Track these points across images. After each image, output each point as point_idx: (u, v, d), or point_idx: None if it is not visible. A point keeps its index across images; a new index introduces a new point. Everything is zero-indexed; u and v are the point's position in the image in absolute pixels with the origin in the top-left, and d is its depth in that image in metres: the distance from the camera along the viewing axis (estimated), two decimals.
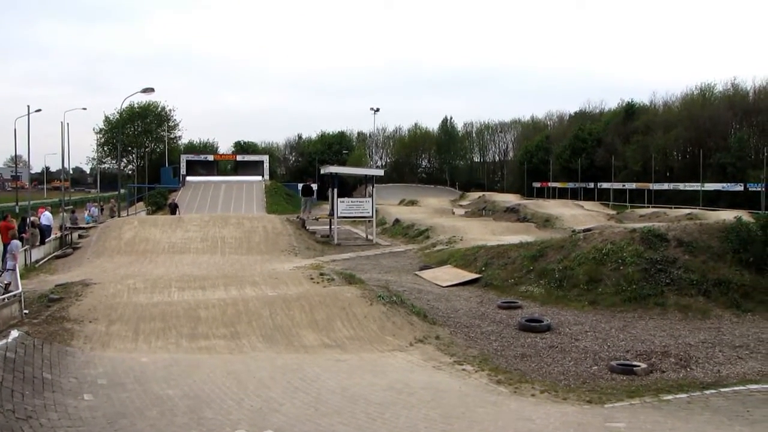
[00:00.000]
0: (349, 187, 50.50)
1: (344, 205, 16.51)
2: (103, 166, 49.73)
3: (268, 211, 31.33)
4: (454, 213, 27.21)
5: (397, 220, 20.24)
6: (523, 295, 9.12)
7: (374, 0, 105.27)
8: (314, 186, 19.82)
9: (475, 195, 46.08)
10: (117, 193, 28.09)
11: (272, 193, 37.95)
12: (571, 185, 47.50)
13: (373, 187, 17.89)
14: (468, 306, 8.59)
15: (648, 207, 31.14)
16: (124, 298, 7.64)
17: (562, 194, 46.48)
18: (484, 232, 16.51)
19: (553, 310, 8.17)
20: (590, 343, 6.60)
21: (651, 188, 37.68)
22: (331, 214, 16.77)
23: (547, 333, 7.06)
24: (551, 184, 50.85)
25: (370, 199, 17.00)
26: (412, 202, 35.82)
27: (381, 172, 19.33)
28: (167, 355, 5.70)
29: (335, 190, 16.67)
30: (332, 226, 16.61)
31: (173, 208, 21.62)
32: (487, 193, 43.14)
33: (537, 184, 52.36)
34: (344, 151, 64.31)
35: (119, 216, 19.92)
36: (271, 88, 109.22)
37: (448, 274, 10.67)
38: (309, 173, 59.11)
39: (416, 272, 11.11)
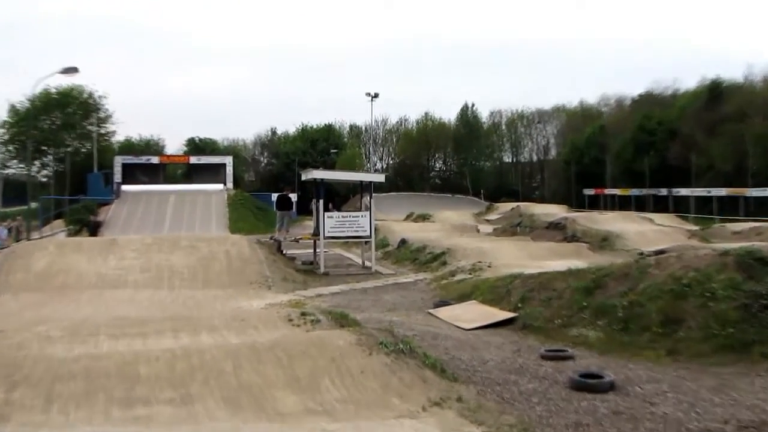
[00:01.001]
0: (339, 197, 51.14)
1: (333, 222, 16.69)
2: (6, 171, 48.44)
3: (231, 230, 31.77)
4: (479, 231, 27.53)
5: (403, 241, 20.72)
6: (575, 340, 8.96)
7: None
8: (293, 197, 20.31)
9: (506, 206, 46.60)
10: (25, 207, 27.16)
11: (237, 206, 38.36)
12: (635, 192, 46.61)
13: (371, 197, 18.05)
14: (500, 356, 8.42)
15: (744, 221, 29.77)
16: (33, 350, 7.28)
17: (623, 204, 45.77)
18: (520, 256, 16.64)
19: (616, 362, 7.84)
20: (671, 409, 5.97)
21: (748, 195, 35.62)
22: (316, 234, 17.06)
23: (610, 394, 6.56)
24: (608, 191, 50.47)
25: (367, 214, 17.16)
26: (424, 217, 36.34)
27: (381, 178, 19.53)
28: (90, 431, 5.45)
29: (321, 201, 16.94)
30: (317, 250, 17.16)
31: (93, 228, 21.60)
32: (522, 204, 43.59)
33: (589, 191, 52.07)
34: (332, 150, 65.19)
35: (28, 239, 19.73)
36: (236, 68, 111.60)
37: (473, 313, 10.66)
38: (286, 180, 60.60)
39: (430, 310, 11.17)
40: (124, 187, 40.55)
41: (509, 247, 18.15)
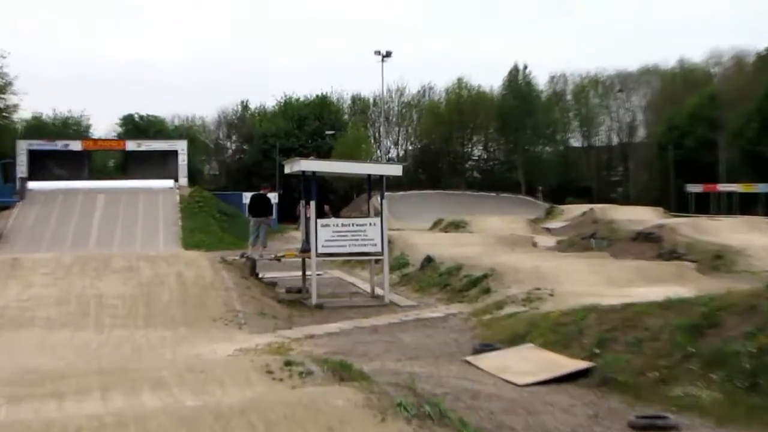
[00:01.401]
0: (338, 197, 51.51)
1: (330, 233, 16.90)
2: None
3: (186, 244, 32.23)
4: (536, 244, 27.71)
5: (429, 260, 20.91)
6: (679, 402, 8.90)
7: None
8: (272, 197, 20.63)
9: (575, 209, 46.88)
10: None
11: (194, 210, 39.06)
12: (763, 188, 46.33)
13: (383, 197, 18.17)
14: (570, 423, 8.39)
15: None
16: None
17: (746, 205, 45.53)
18: (596, 281, 16.65)
19: None
20: None
21: None
22: (306, 250, 17.40)
23: None
24: (723, 187, 49.71)
25: (377, 221, 17.34)
26: (457, 225, 36.72)
27: (398, 169, 19.53)
28: None
29: (312, 203, 17.13)
30: (308, 273, 17.74)
31: None
32: (597, 207, 43.81)
33: (695, 188, 51.47)
34: (328, 132, 65.76)
35: None
36: (191, 18, 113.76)
37: (530, 362, 10.71)
38: (263, 174, 60.03)
39: (467, 358, 11.23)
40: (32, 184, 40.83)
41: (580, 268, 18.15)
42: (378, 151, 68.95)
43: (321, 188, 19.73)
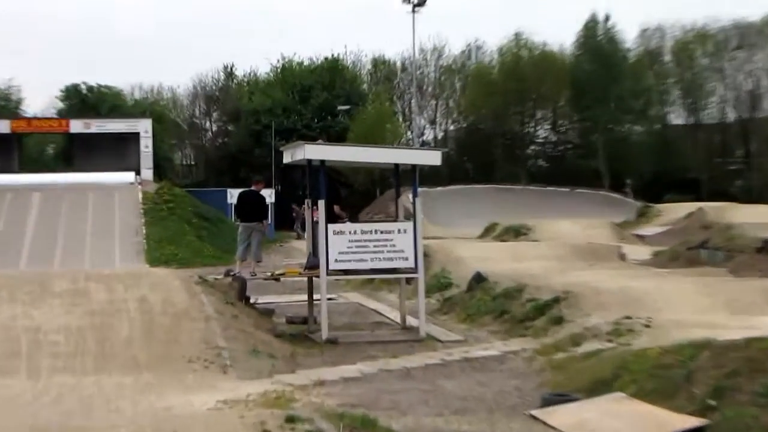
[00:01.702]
0: (354, 194, 51.24)
1: (344, 242, 17.04)
2: None
3: (151, 259, 32.71)
4: (624, 257, 27.77)
5: (479, 278, 21.07)
6: None
7: None
8: (267, 194, 20.64)
9: (677, 209, 46.64)
10: None
11: (162, 213, 39.60)
12: None
13: (415, 194, 18.14)
14: None
15: None
16: None
17: None
18: (708, 306, 16.66)
19: None
20: None
21: None
22: (314, 266, 17.51)
23: None
24: None
25: (408, 226, 17.54)
26: (517, 231, 36.96)
27: (436, 157, 19.45)
28: None
29: (321, 203, 17.27)
30: (316, 297, 17.79)
31: None
32: (708, 205, 43.76)
33: None
34: (341, 108, 65.70)
35: None
36: None
37: (619, 418, 10.68)
38: (254, 163, 61.50)
39: (533, 412, 11.27)
40: None
41: (686, 289, 18.06)
42: (409, 133, 68.99)
43: (332, 183, 19.70)
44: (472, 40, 76.99)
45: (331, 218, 17.40)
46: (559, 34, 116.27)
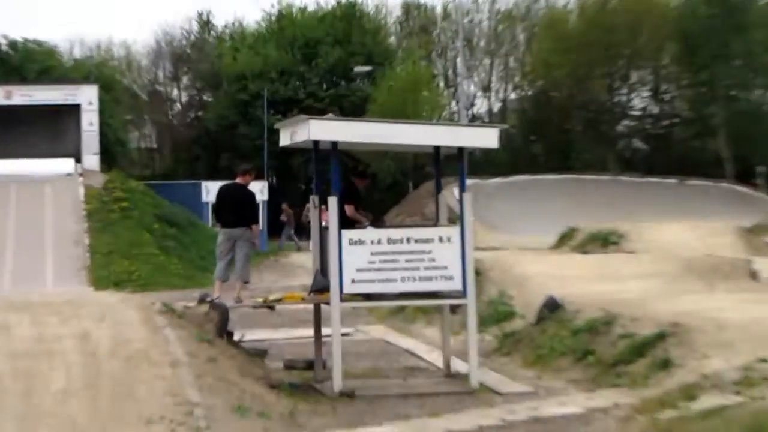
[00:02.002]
0: (377, 188, 50.81)
1: (365, 255, 16.99)
2: None
3: (95, 280, 32.88)
4: (756, 275, 27.13)
5: (553, 304, 21.05)
6: None
7: None
8: (258, 190, 20.53)
9: None
10: None
11: (113, 215, 39.95)
12: None
13: (463, 188, 18.08)
14: None
15: None
16: None
17: None
18: None
19: None
20: None
21: None
22: (323, 288, 17.49)
23: None
24: None
25: (453, 232, 17.44)
26: (604, 239, 36.96)
27: (491, 137, 19.15)
28: None
29: (332, 201, 17.13)
30: (325, 331, 17.62)
31: None
32: None
33: None
34: (360, 70, 65.07)
35: None
36: None
37: None
38: (239, 148, 62.74)
39: None
40: None
41: None
42: (453, 104, 68.82)
43: (348, 174, 19.58)
44: None
45: (346, 222, 17.26)
46: None
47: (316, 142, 17.84)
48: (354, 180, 19.35)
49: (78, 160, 44.13)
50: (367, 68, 64.05)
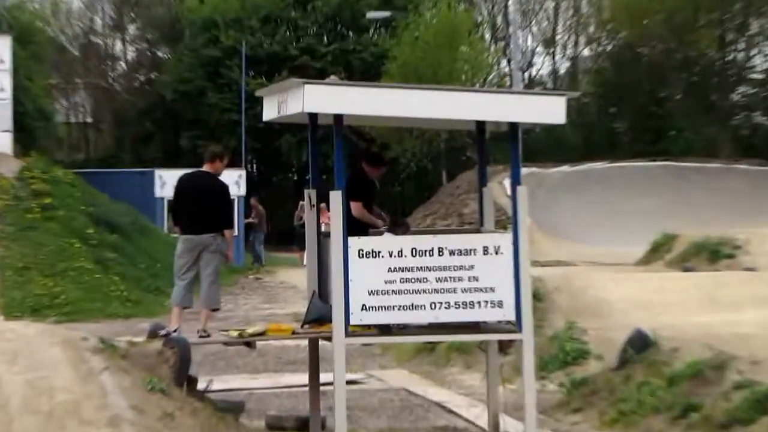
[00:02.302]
0: (388, 181, 50.67)
1: (380, 270, 16.70)
2: None
3: (5, 307, 32.65)
4: None
5: (641, 342, 21.12)
6: None
7: None
8: (232, 180, 20.49)
9: None
10: None
11: (30, 216, 40.22)
12: None
13: (516, 180, 17.86)
14: None
15: None
16: None
17: None
18: None
19: None
20: None
21: None
22: (318, 319, 17.44)
23: None
24: None
25: (503, 240, 17.17)
26: (715, 250, 37.50)
27: (555, 108, 19.09)
28: None
29: (334, 197, 16.84)
30: (325, 378, 17.31)
31: None
32: None
33: None
34: (372, 17, 65.15)
35: None
36: None
37: None
38: (207, 123, 63.10)
39: None
40: None
41: None
42: (503, 63, 68.83)
43: (357, 159, 19.49)
44: None
45: (355, 226, 17.13)
46: None
47: (313, 116, 17.63)
48: (365, 168, 19.10)
49: None
50: (385, 14, 64.19)
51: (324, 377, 17.70)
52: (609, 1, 72.84)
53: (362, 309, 16.32)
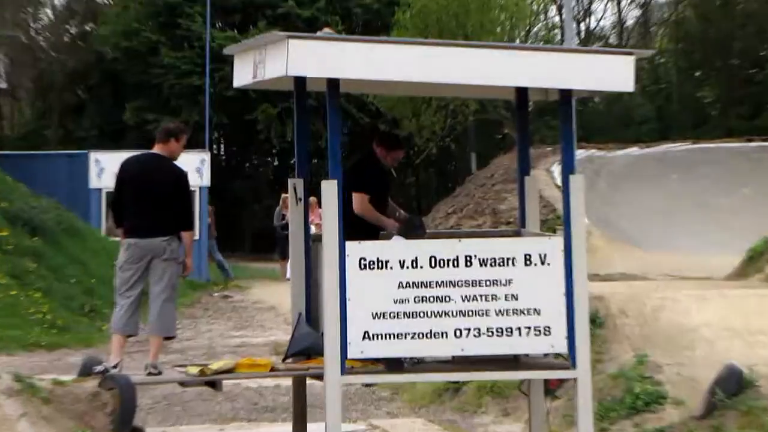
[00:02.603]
0: (402, 169, 50.87)
1: (387, 286, 16.77)
2: None
3: None
4: None
5: (734, 381, 21.24)
6: None
7: None
8: (193, 165, 20.51)
9: None
10: None
11: None
12: None
13: (570, 166, 18.01)
14: None
15: None
16: None
17: None
18: None
19: None
20: None
21: None
22: (304, 351, 17.77)
23: None
24: None
25: (551, 245, 17.31)
26: None
27: (621, 71, 19.25)
28: None
29: (327, 188, 16.97)
30: (315, 427, 17.69)
31: None
32: None
33: None
34: None
35: None
36: None
37: None
38: (158, 91, 62.55)
39: None
40: None
41: None
42: (551, 12, 69.15)
43: (362, 138, 19.64)
44: None
45: (356, 227, 17.16)
46: None
47: (299, 81, 17.68)
48: (377, 151, 18.94)
49: None
50: None
51: (313, 428, 17.76)
52: None
53: (364, 338, 16.25)
